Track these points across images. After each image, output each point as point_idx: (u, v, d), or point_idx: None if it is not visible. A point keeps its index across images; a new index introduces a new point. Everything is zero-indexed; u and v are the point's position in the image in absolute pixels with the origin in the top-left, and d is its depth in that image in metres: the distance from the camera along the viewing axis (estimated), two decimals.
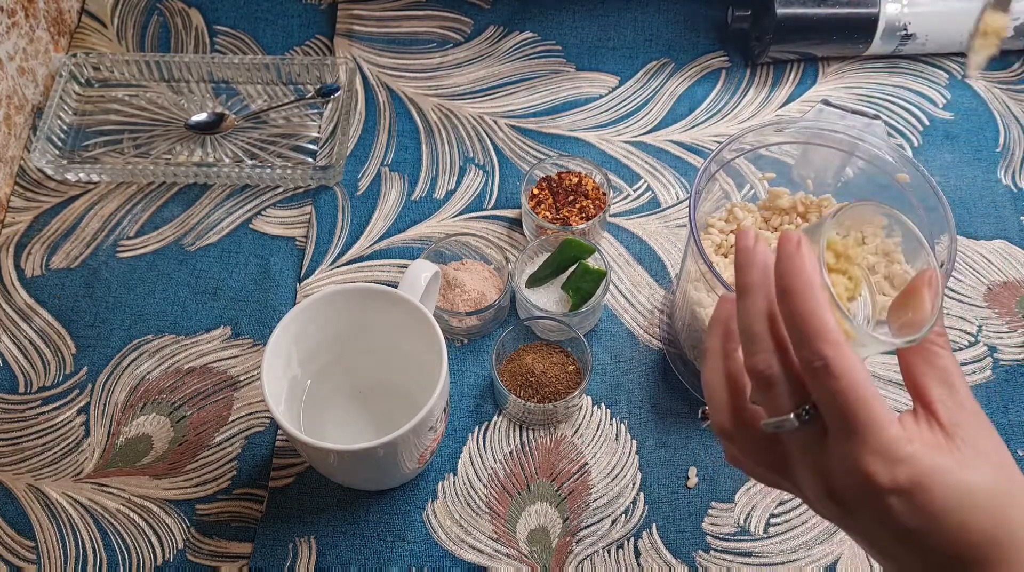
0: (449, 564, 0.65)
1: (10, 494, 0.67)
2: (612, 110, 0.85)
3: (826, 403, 0.38)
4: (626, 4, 0.91)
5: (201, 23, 0.90)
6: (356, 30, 0.89)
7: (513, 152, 0.82)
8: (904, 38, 0.84)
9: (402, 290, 0.62)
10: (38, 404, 0.71)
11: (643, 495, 0.67)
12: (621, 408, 0.70)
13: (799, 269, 0.39)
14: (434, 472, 0.68)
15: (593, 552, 0.65)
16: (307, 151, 0.83)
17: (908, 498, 0.37)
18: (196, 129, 0.83)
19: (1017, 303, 0.75)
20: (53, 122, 0.82)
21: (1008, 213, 0.79)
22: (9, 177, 0.81)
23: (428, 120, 0.84)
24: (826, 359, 0.37)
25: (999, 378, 0.71)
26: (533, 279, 0.72)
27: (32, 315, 0.75)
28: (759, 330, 0.40)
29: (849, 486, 0.38)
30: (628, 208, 0.80)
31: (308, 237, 0.78)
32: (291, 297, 0.76)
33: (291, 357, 0.63)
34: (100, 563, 0.65)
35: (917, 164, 0.61)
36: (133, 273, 0.77)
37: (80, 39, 0.89)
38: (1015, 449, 0.69)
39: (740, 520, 0.66)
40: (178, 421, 0.70)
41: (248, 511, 0.67)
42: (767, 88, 0.86)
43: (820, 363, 0.37)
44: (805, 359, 0.38)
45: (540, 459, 0.68)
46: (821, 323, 0.38)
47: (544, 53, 0.88)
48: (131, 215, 0.80)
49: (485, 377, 0.72)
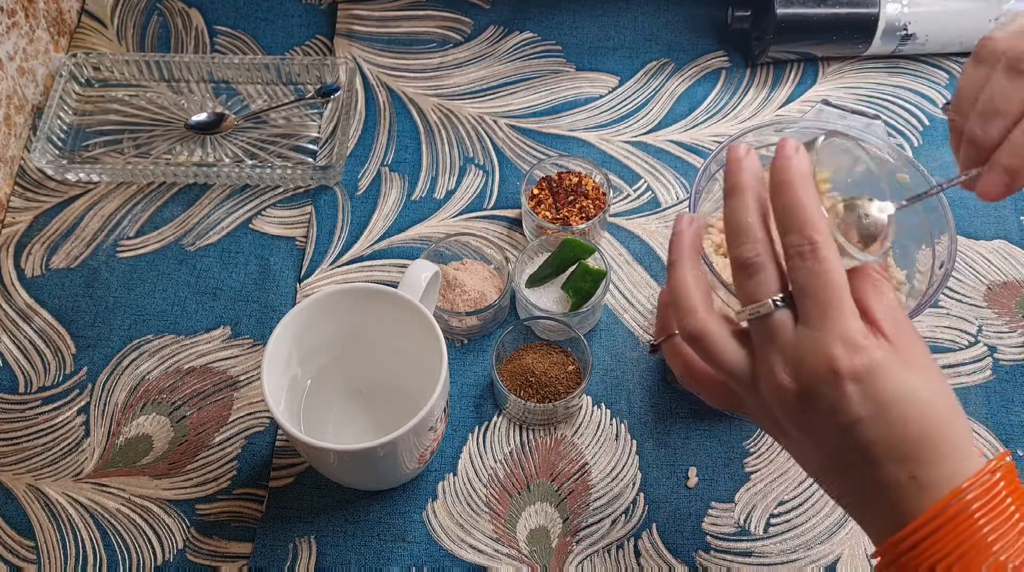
0: (449, 564, 0.65)
1: (10, 494, 0.67)
2: (612, 110, 0.85)
3: (806, 287, 0.42)
4: (626, 4, 0.91)
5: (201, 23, 0.90)
6: (356, 30, 0.89)
7: (513, 152, 0.82)
8: (904, 38, 0.84)
9: (402, 290, 0.62)
10: (38, 404, 0.71)
11: (643, 495, 0.67)
12: (621, 408, 0.70)
13: (797, 166, 0.43)
14: (434, 472, 0.68)
15: (593, 552, 0.65)
16: (307, 151, 0.83)
17: (862, 386, 0.41)
18: (196, 129, 0.83)
19: (1017, 303, 0.75)
20: (53, 122, 0.82)
21: (1008, 213, 0.79)
22: (9, 177, 0.81)
23: (428, 120, 0.84)
24: (815, 244, 0.41)
25: (999, 378, 0.71)
26: (533, 279, 0.72)
27: (32, 315, 0.75)
28: (751, 221, 0.44)
29: (813, 369, 0.41)
30: (628, 208, 0.80)
31: (308, 237, 0.78)
32: (291, 297, 0.76)
33: (291, 357, 0.63)
34: (100, 563, 0.65)
35: (917, 164, 0.61)
36: (133, 273, 0.77)
37: (80, 39, 0.89)
38: (1015, 449, 0.69)
39: (740, 520, 0.66)
40: (178, 421, 0.70)
41: (248, 511, 0.67)
42: (767, 88, 0.86)
43: (809, 247, 0.41)
44: (794, 244, 0.42)
45: (540, 459, 0.68)
46: (813, 212, 0.42)
47: (544, 53, 0.88)
48: (131, 215, 0.80)
49: (485, 377, 0.72)
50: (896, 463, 0.41)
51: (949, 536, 0.40)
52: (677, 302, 0.46)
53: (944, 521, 0.40)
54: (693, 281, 0.46)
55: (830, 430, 0.42)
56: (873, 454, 0.41)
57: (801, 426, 0.43)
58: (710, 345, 0.45)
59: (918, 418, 0.41)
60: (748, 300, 0.44)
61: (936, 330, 0.74)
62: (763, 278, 0.43)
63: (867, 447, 0.41)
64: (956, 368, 0.72)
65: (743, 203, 0.44)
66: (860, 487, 0.43)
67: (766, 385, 0.43)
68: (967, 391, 0.71)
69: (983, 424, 0.70)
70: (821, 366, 0.41)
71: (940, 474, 0.41)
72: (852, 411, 0.41)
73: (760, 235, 0.43)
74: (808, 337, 0.42)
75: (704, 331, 0.45)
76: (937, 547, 0.40)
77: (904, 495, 0.41)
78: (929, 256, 0.61)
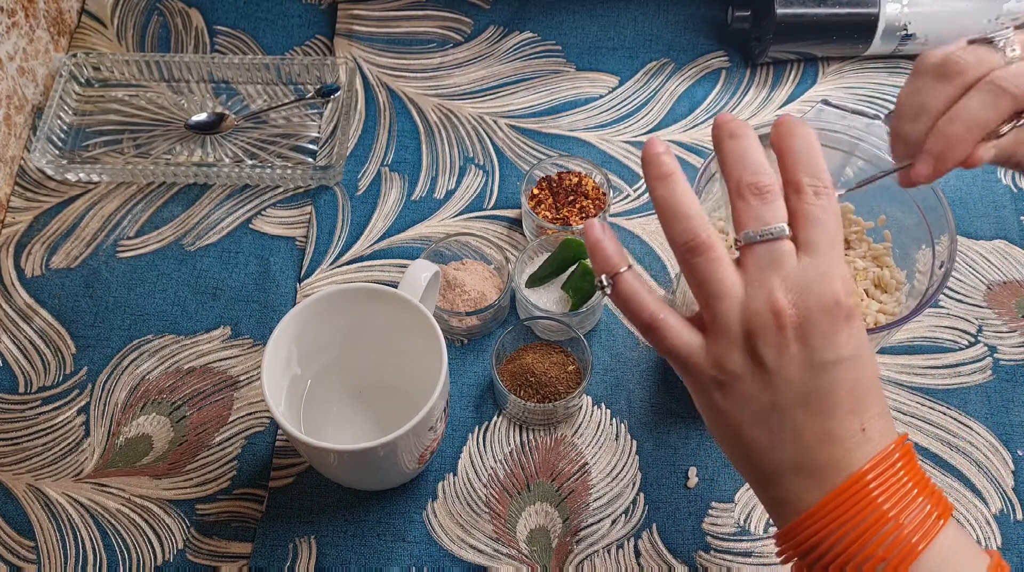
0: (449, 564, 0.65)
1: (10, 494, 0.67)
2: (612, 110, 0.85)
3: (820, 219, 0.43)
4: (626, 4, 0.91)
5: (201, 23, 0.90)
6: (356, 30, 0.89)
7: (513, 152, 0.82)
8: (904, 38, 0.84)
9: (402, 290, 0.62)
10: (38, 404, 0.71)
11: (643, 495, 0.67)
12: (621, 408, 0.70)
13: (799, 122, 0.46)
14: (434, 472, 0.68)
15: (593, 552, 0.65)
16: (307, 151, 0.83)
17: (850, 322, 0.43)
18: (196, 129, 0.83)
19: (1017, 303, 0.75)
20: (53, 122, 0.82)
21: (1008, 213, 0.79)
22: (9, 177, 0.81)
23: (428, 120, 0.84)
24: (828, 187, 0.44)
25: (999, 378, 0.71)
26: (533, 279, 0.72)
27: (32, 315, 0.75)
28: (761, 157, 0.45)
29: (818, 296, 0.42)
30: (628, 208, 0.80)
31: (308, 237, 0.78)
32: (291, 297, 0.76)
33: (291, 357, 0.63)
34: (100, 563, 0.65)
35: None
36: (133, 273, 0.77)
37: (80, 39, 0.89)
38: (1015, 449, 0.69)
39: (740, 520, 0.66)
40: (178, 421, 0.70)
41: (248, 511, 0.67)
42: (767, 88, 0.86)
43: (824, 187, 0.44)
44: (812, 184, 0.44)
45: (540, 459, 0.68)
46: (822, 160, 0.45)
47: (544, 53, 0.88)
48: (131, 215, 0.80)
49: (485, 377, 0.72)
50: (854, 413, 0.43)
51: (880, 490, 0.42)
52: (682, 210, 0.44)
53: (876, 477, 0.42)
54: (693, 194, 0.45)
55: (806, 366, 0.43)
56: (837, 399, 0.43)
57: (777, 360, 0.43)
58: (716, 261, 0.44)
59: (874, 372, 0.44)
60: (760, 223, 0.44)
61: (936, 330, 0.74)
62: (777, 204, 0.44)
63: (835, 391, 0.43)
64: (956, 368, 0.72)
65: (751, 142, 0.45)
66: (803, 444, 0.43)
67: (760, 310, 0.43)
68: (967, 391, 0.71)
69: (983, 424, 0.70)
70: (826, 295, 0.42)
71: (880, 429, 0.43)
72: (841, 347, 0.42)
73: (772, 170, 0.45)
74: (814, 266, 0.43)
75: (713, 245, 0.44)
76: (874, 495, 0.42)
77: (851, 446, 0.43)
78: (929, 256, 0.61)
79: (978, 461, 0.68)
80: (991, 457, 0.68)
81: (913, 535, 0.42)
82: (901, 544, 0.42)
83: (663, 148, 0.46)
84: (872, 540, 0.42)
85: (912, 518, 0.42)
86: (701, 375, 0.45)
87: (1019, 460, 0.68)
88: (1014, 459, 0.68)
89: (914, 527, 0.42)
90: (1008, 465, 0.68)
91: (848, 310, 0.42)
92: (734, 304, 0.43)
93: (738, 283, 0.44)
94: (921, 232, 0.62)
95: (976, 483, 0.67)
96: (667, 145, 0.46)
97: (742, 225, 0.44)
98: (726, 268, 0.44)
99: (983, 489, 0.67)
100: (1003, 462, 0.68)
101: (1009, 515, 0.66)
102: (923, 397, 0.71)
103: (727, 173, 0.45)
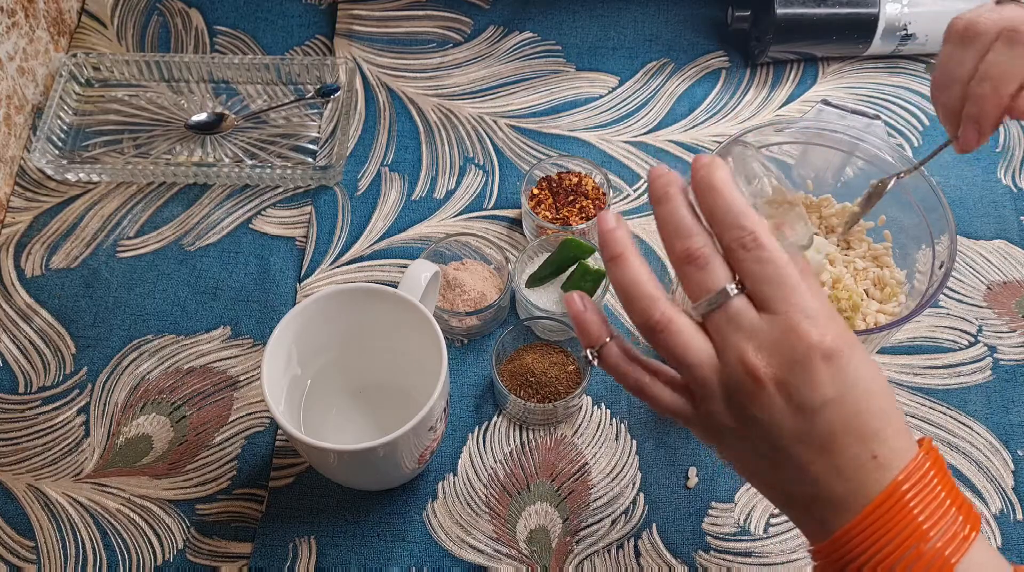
0: (449, 564, 0.65)
1: (10, 494, 0.67)
2: (612, 110, 0.85)
3: (759, 274, 0.42)
4: (626, 4, 0.91)
5: (201, 23, 0.90)
6: (356, 30, 0.89)
7: (513, 152, 0.82)
8: (904, 38, 0.84)
9: (402, 290, 0.62)
10: (38, 404, 0.71)
11: (643, 495, 0.67)
12: (621, 408, 0.70)
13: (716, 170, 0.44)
14: (434, 472, 0.68)
15: (593, 552, 0.65)
16: (307, 151, 0.83)
17: (830, 362, 0.41)
18: (196, 129, 0.83)
19: (1017, 303, 0.75)
20: (53, 122, 0.82)
21: (1008, 213, 0.79)
22: (9, 177, 0.81)
23: (428, 120, 0.84)
24: (754, 233, 0.42)
25: (999, 378, 0.71)
26: (533, 279, 0.72)
27: (32, 315, 0.75)
28: (689, 222, 0.44)
29: (789, 350, 0.41)
30: (628, 208, 0.80)
31: (308, 237, 0.78)
32: (291, 297, 0.76)
33: (291, 357, 0.63)
34: (100, 563, 0.65)
35: (915, 162, 0.61)
36: (133, 273, 0.77)
37: (80, 39, 0.89)
38: (1015, 449, 0.69)
39: (740, 520, 0.66)
40: (178, 421, 0.70)
41: (248, 511, 0.67)
42: (767, 88, 0.86)
43: (750, 237, 0.42)
44: (735, 238, 0.42)
45: (540, 459, 0.68)
46: (744, 206, 0.42)
47: (544, 53, 0.88)
48: (131, 215, 0.80)
49: (485, 377, 0.72)
50: (860, 443, 0.42)
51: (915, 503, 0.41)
52: (634, 292, 0.44)
53: (908, 489, 0.41)
54: (647, 272, 0.45)
55: (795, 413, 0.42)
56: (835, 436, 0.42)
57: (766, 415, 0.42)
58: (676, 334, 0.43)
59: (878, 394, 0.42)
60: (703, 291, 0.43)
61: (936, 330, 0.74)
62: (714, 266, 0.43)
63: (831, 429, 0.42)
64: (956, 368, 0.72)
65: (676, 205, 0.44)
66: (812, 478, 0.43)
67: (735, 373, 0.42)
68: (967, 391, 0.71)
69: (983, 424, 0.70)
70: (798, 347, 0.41)
71: (896, 448, 0.42)
72: (820, 392, 0.41)
73: (701, 230, 0.43)
74: (777, 323, 0.41)
75: (671, 319, 0.43)
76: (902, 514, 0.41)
77: (865, 474, 0.42)
78: (929, 256, 0.62)
79: (978, 461, 0.68)
80: (991, 457, 0.68)
81: (946, 548, 0.41)
82: (934, 559, 0.41)
83: (614, 223, 0.45)
84: (904, 556, 0.41)
85: (944, 532, 0.41)
86: (695, 429, 0.46)
87: (1019, 460, 0.68)
88: (1014, 459, 0.68)
89: (945, 541, 0.41)
90: (1008, 465, 0.68)
91: (825, 350, 0.41)
92: (708, 370, 0.43)
93: (706, 349, 0.43)
94: (921, 232, 0.63)
95: (976, 483, 0.67)
96: (618, 217, 0.45)
97: (692, 297, 0.44)
98: (689, 337, 0.43)
99: (983, 489, 0.67)
100: (1003, 462, 0.68)
101: (1009, 515, 0.66)
102: (923, 397, 0.71)
103: (664, 243, 0.45)
